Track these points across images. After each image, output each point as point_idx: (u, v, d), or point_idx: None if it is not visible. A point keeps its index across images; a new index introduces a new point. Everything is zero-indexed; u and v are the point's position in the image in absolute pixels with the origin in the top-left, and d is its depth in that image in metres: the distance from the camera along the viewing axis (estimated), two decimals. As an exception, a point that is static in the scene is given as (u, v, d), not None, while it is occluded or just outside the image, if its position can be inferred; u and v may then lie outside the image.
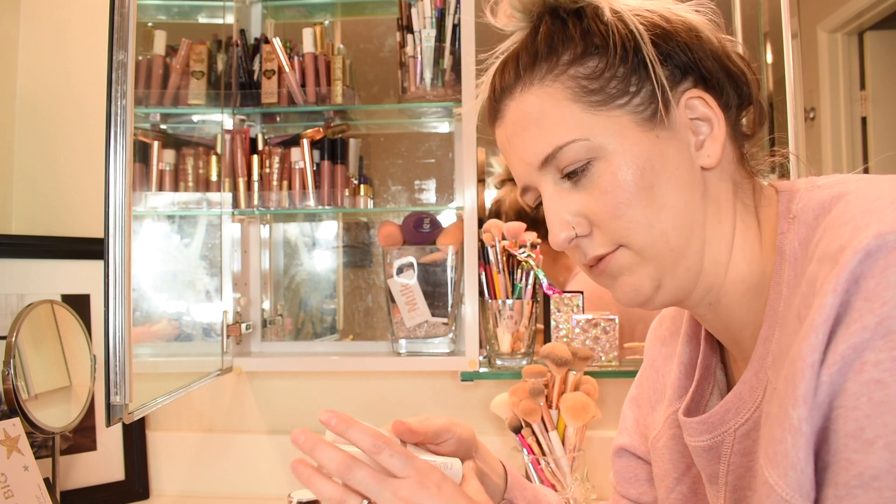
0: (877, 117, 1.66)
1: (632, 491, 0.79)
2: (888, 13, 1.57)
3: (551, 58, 0.59)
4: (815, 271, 0.50)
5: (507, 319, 1.29)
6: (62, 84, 1.48)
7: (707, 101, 0.59)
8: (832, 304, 0.46)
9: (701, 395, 0.67)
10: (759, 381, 0.57)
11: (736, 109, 0.62)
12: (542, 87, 0.59)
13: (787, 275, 0.55)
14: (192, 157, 1.38)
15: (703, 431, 0.62)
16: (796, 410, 0.47)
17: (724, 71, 0.60)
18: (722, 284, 0.60)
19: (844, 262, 0.46)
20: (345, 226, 1.56)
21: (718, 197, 0.60)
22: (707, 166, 0.59)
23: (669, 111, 0.58)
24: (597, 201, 0.58)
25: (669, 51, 0.59)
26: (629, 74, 0.58)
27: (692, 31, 0.60)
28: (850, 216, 0.49)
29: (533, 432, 1.12)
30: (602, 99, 0.58)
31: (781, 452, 0.48)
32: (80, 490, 1.29)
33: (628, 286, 0.60)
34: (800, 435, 0.47)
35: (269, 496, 1.39)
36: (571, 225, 0.60)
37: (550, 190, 0.61)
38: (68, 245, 1.36)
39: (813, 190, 0.57)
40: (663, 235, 0.58)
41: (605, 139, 0.58)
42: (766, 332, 0.57)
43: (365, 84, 1.51)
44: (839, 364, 0.45)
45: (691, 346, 0.69)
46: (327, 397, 1.44)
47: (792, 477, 0.47)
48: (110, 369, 0.90)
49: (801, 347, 0.47)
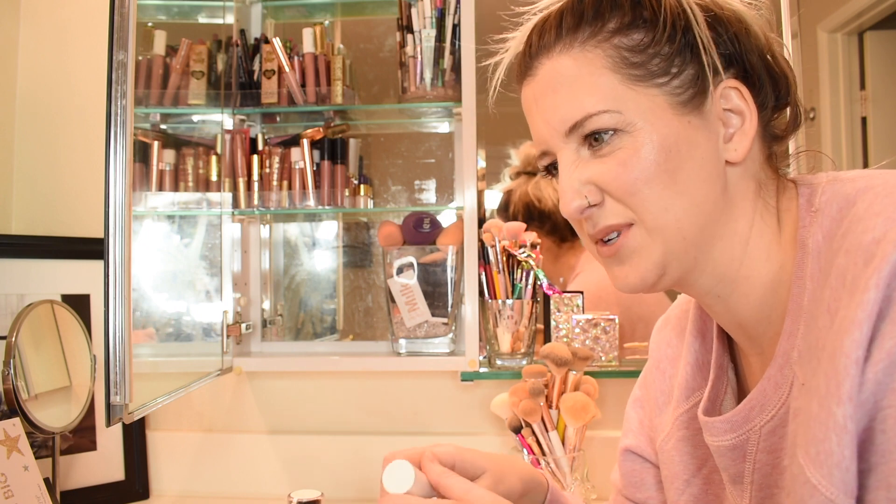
0: (877, 117, 1.66)
1: (638, 495, 0.78)
2: (888, 13, 1.57)
3: (597, 22, 0.58)
4: (844, 264, 0.49)
5: (507, 319, 1.29)
6: (62, 84, 1.48)
7: (743, 94, 0.58)
8: (874, 299, 0.45)
9: (716, 394, 0.66)
10: (785, 377, 0.56)
11: (771, 110, 0.61)
12: (582, 50, 0.58)
13: (810, 268, 0.54)
14: (192, 157, 1.38)
15: (726, 431, 0.61)
16: (841, 408, 0.46)
17: (767, 69, 0.59)
18: (735, 279, 0.59)
19: (885, 255, 0.45)
20: (345, 226, 1.56)
21: (738, 194, 0.59)
22: (732, 160, 0.58)
23: (706, 98, 0.57)
24: (612, 172, 0.57)
25: (717, 38, 0.57)
26: (674, 54, 0.56)
27: (742, 23, 0.58)
28: (880, 207, 0.49)
29: (533, 432, 1.12)
30: (642, 74, 0.56)
31: (825, 451, 0.47)
32: (80, 490, 1.28)
33: (634, 274, 0.59)
34: (845, 433, 0.46)
35: (269, 496, 1.39)
36: (584, 194, 0.58)
37: (568, 158, 0.59)
38: (68, 245, 1.36)
39: (835, 183, 0.56)
40: (678, 222, 0.57)
41: (637, 116, 0.56)
42: (789, 327, 0.55)
43: (365, 84, 1.51)
44: (886, 362, 0.45)
45: (700, 342, 0.68)
46: (327, 397, 1.44)
47: (837, 476, 0.46)
48: (110, 369, 0.90)
49: (843, 343, 0.46)
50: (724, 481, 0.64)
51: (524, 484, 0.68)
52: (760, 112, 0.59)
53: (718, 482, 0.67)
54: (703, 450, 0.68)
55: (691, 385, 0.69)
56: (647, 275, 0.58)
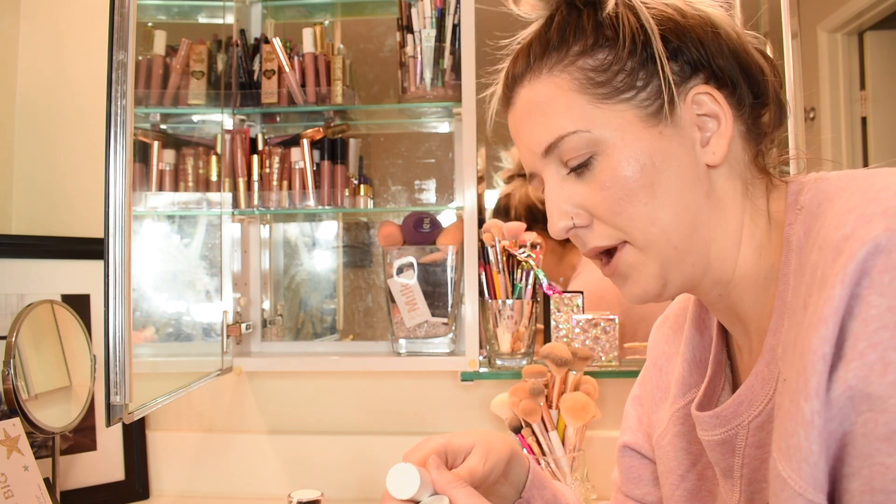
0: (877, 117, 1.66)
1: (636, 491, 0.79)
2: (888, 13, 1.57)
3: (562, 48, 0.59)
4: (816, 260, 0.49)
5: (507, 319, 1.29)
6: (62, 84, 1.48)
7: (715, 98, 0.59)
8: (840, 295, 0.45)
9: (713, 389, 0.67)
10: (772, 373, 0.56)
11: (751, 107, 0.61)
12: (550, 76, 0.60)
13: (793, 265, 0.55)
14: (192, 157, 1.38)
15: (716, 425, 0.62)
16: (808, 403, 0.46)
17: (741, 67, 0.59)
18: (731, 279, 0.60)
19: (851, 252, 0.45)
20: (345, 226, 1.56)
21: (724, 195, 0.60)
22: (712, 164, 0.59)
23: (675, 108, 0.58)
24: (597, 196, 0.59)
25: (681, 46, 0.58)
26: (637, 69, 0.58)
27: (708, 26, 0.59)
28: (854, 204, 0.49)
29: (533, 432, 1.12)
30: (607, 92, 0.58)
31: (794, 446, 0.47)
32: (80, 490, 1.28)
33: (637, 288, 0.61)
34: (812, 428, 0.46)
35: (269, 496, 1.39)
36: (570, 215, 0.60)
37: (553, 179, 0.61)
38: (68, 245, 1.36)
39: (820, 181, 0.56)
40: (665, 233, 0.58)
41: (608, 133, 0.58)
42: (775, 324, 0.56)
43: (365, 84, 1.51)
44: (858, 362, 0.45)
45: (699, 337, 0.69)
46: (327, 397, 1.45)
47: (805, 470, 0.47)
48: (110, 369, 0.90)
49: (811, 340, 0.47)
50: (718, 475, 0.65)
51: (511, 451, 0.71)
52: (738, 111, 0.60)
53: (712, 478, 0.68)
54: (697, 446, 0.69)
55: (687, 382, 0.69)
56: (649, 288, 0.60)
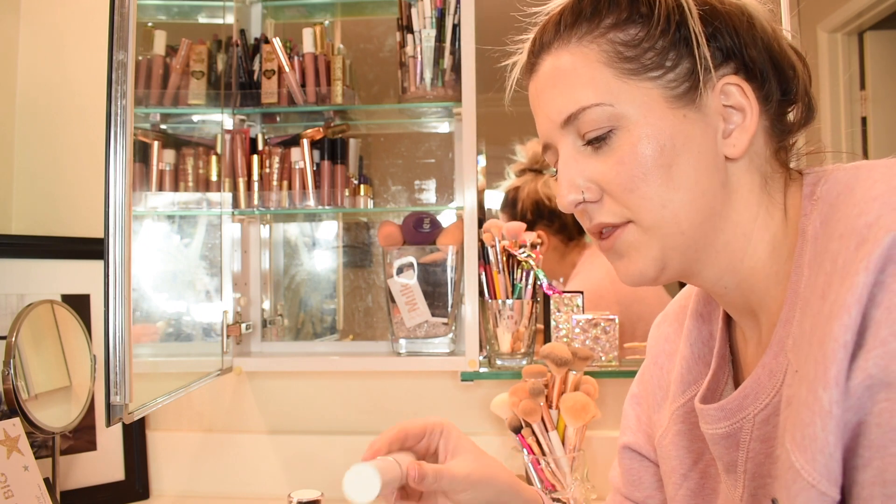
0: (877, 117, 1.66)
1: (637, 494, 0.78)
2: (888, 13, 1.57)
3: (594, 19, 0.59)
4: (837, 248, 0.48)
5: (507, 319, 1.29)
6: (62, 84, 1.48)
7: (744, 90, 0.58)
8: (864, 282, 0.45)
9: (717, 382, 0.66)
10: (779, 365, 0.55)
11: (778, 103, 0.60)
12: (579, 45, 0.59)
13: (808, 255, 0.54)
14: (192, 157, 1.38)
15: (720, 419, 0.61)
16: (827, 392, 0.45)
17: (772, 61, 0.59)
18: (739, 270, 0.60)
19: (876, 239, 0.45)
20: (345, 226, 1.56)
21: (740, 187, 0.59)
22: (731, 156, 0.58)
23: (704, 93, 0.57)
24: (612, 171, 0.58)
25: (715, 32, 0.58)
26: (668, 48, 0.57)
27: (745, 16, 0.59)
28: (877, 192, 0.48)
29: (533, 432, 1.12)
30: (635, 68, 0.57)
31: (810, 436, 0.46)
32: (80, 490, 1.28)
33: (633, 267, 0.60)
34: (830, 418, 0.45)
35: (269, 496, 1.39)
36: (581, 189, 0.60)
37: (568, 151, 0.61)
38: (68, 245, 1.36)
39: (838, 172, 0.56)
40: (675, 217, 0.57)
41: (631, 109, 0.57)
42: (786, 315, 0.55)
43: (365, 84, 1.51)
44: (880, 350, 0.44)
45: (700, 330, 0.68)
46: (327, 397, 1.45)
47: (820, 461, 0.46)
48: (110, 369, 0.90)
49: (831, 328, 0.46)
50: (720, 471, 0.64)
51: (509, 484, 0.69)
52: (765, 106, 0.59)
53: (715, 475, 0.67)
54: (699, 443, 0.68)
55: (687, 378, 0.69)
56: (645, 269, 0.59)
